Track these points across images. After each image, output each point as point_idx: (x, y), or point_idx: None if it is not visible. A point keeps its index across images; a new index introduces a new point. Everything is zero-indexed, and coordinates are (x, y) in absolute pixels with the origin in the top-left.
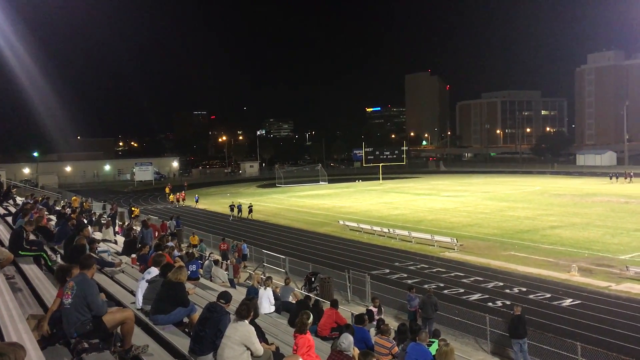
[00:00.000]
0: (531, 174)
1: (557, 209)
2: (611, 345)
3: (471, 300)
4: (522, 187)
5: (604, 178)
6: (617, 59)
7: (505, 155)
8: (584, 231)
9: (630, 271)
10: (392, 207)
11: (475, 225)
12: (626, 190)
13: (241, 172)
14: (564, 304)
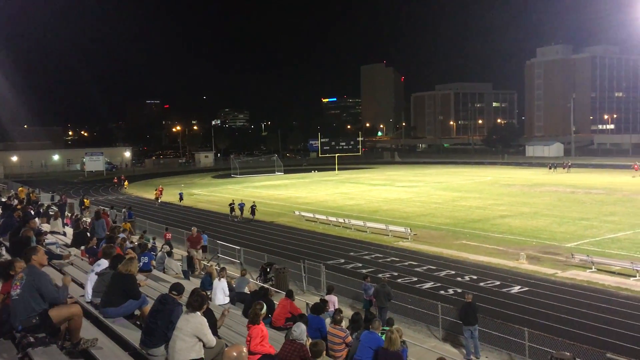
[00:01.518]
0: (483, 165)
1: (507, 198)
2: (557, 330)
3: (424, 289)
4: (474, 178)
5: (544, 168)
6: (565, 53)
7: (458, 146)
8: (532, 220)
9: (575, 259)
10: (347, 197)
11: (428, 215)
12: (572, 180)
13: (196, 162)
14: (512, 291)
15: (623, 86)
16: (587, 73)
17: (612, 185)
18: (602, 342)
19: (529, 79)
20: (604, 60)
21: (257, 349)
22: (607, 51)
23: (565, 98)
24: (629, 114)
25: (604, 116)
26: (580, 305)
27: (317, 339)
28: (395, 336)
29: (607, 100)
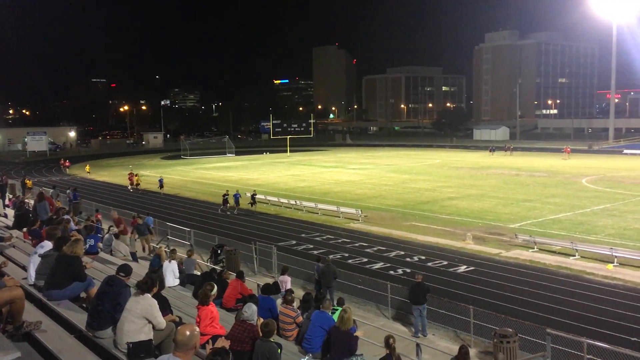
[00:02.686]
0: (432, 148)
1: (455, 181)
2: (501, 307)
3: (374, 269)
4: (424, 160)
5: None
6: (511, 39)
7: (408, 130)
8: (478, 202)
9: (518, 239)
10: (299, 179)
11: (379, 197)
12: (517, 164)
13: (144, 143)
14: (459, 270)
15: (566, 72)
16: (532, 59)
17: (554, 168)
18: (543, 318)
19: (477, 64)
20: (549, 46)
21: (207, 330)
22: (552, 38)
23: (512, 83)
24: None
25: (548, 101)
26: (522, 283)
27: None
28: (348, 316)
29: (551, 86)
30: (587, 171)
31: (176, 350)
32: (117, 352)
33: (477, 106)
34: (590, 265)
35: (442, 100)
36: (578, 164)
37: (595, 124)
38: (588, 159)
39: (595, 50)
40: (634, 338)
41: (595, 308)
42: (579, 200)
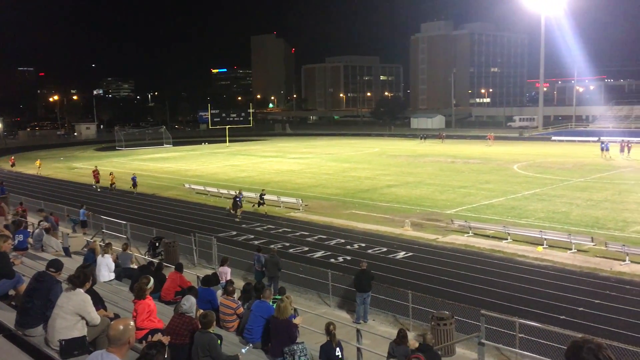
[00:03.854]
0: (371, 137)
1: (393, 169)
2: (438, 291)
3: (315, 258)
4: (363, 149)
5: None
6: (446, 29)
7: (347, 119)
8: (416, 189)
9: (454, 224)
10: (239, 169)
11: (319, 186)
12: (452, 151)
13: (76, 134)
14: (398, 256)
15: (498, 62)
16: (466, 49)
17: (487, 155)
18: (478, 300)
19: (414, 54)
20: (481, 36)
21: (144, 324)
22: (484, 28)
23: (447, 72)
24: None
25: (481, 90)
26: (458, 267)
27: (210, 310)
28: (285, 305)
29: (484, 75)
30: (518, 158)
31: (110, 346)
32: (49, 350)
33: (414, 95)
34: (522, 248)
35: (380, 90)
36: (510, 151)
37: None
38: (519, 146)
39: (525, 41)
40: (562, 316)
41: (526, 289)
42: (511, 185)
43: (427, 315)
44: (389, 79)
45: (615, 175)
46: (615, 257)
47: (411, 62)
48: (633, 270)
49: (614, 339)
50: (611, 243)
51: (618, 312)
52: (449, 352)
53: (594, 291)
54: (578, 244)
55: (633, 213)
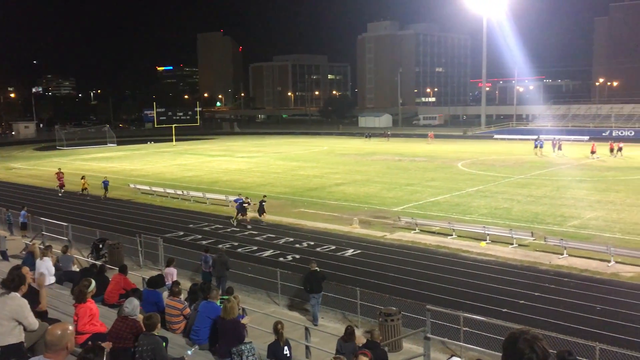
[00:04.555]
0: (319, 135)
1: (342, 167)
2: (386, 287)
3: (264, 257)
4: (311, 148)
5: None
6: (392, 29)
7: (296, 117)
8: (364, 187)
9: (401, 221)
10: (186, 169)
11: (268, 185)
12: (399, 149)
13: (14, 133)
14: (346, 254)
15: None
16: (411, 49)
17: (433, 153)
18: (425, 295)
19: (361, 53)
20: (426, 37)
21: (85, 328)
22: (429, 29)
23: (394, 72)
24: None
25: (427, 89)
26: (406, 263)
27: (155, 312)
28: (231, 305)
29: (429, 75)
30: (463, 155)
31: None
32: None
33: (361, 94)
34: (466, 244)
35: (328, 88)
36: (454, 149)
37: (469, 111)
38: (463, 144)
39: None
40: (504, 309)
41: (470, 283)
42: (456, 183)
43: (375, 311)
44: (337, 78)
45: (554, 172)
46: (553, 250)
47: (358, 62)
48: (570, 263)
49: (552, 330)
50: (550, 237)
51: (556, 304)
52: (396, 347)
53: (534, 284)
54: (519, 239)
55: (570, 208)
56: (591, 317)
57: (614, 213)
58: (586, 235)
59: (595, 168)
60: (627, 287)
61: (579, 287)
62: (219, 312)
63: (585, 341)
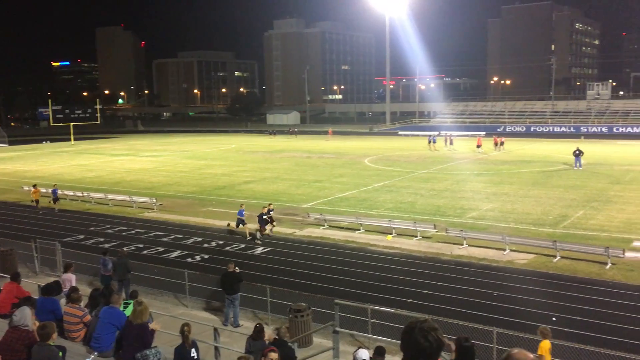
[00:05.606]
0: (227, 133)
1: (250, 165)
2: (296, 284)
3: (171, 258)
4: (220, 146)
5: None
6: (298, 27)
7: (203, 115)
8: (273, 184)
9: (310, 217)
10: (86, 169)
11: (174, 184)
12: (308, 146)
13: None
14: (256, 252)
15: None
16: (317, 47)
17: (341, 149)
18: (334, 289)
19: (268, 50)
20: (332, 35)
21: None
22: (335, 27)
23: (301, 69)
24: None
25: (334, 87)
26: (315, 259)
27: (50, 321)
28: (143, 308)
29: (336, 73)
30: (369, 152)
31: None
32: None
33: (269, 91)
34: (373, 238)
35: (235, 86)
36: (361, 145)
37: (374, 108)
38: (369, 141)
39: (373, 41)
40: (409, 300)
41: (378, 276)
42: (363, 178)
43: (286, 308)
44: (245, 75)
45: (454, 167)
46: (454, 241)
47: (266, 59)
48: (470, 252)
49: (453, 317)
50: (451, 229)
51: (457, 292)
52: (306, 342)
53: (437, 274)
54: (423, 231)
55: (469, 201)
56: (489, 303)
57: (508, 204)
58: (484, 225)
59: (491, 162)
60: (521, 274)
61: (478, 275)
62: (122, 317)
63: (483, 326)
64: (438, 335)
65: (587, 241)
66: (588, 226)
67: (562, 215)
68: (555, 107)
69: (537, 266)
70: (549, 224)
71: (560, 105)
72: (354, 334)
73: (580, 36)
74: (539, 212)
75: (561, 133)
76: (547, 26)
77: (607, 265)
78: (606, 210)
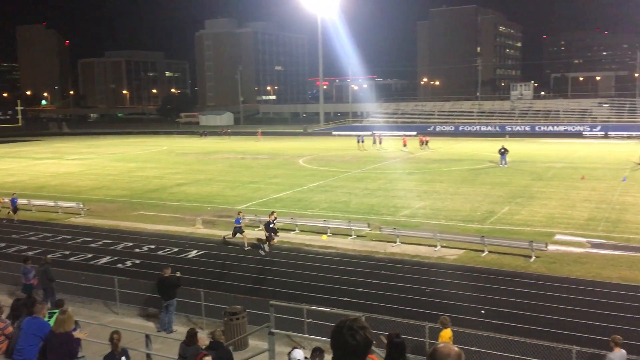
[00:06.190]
0: (159, 135)
1: (183, 167)
2: (231, 286)
3: (100, 264)
4: (151, 148)
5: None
6: (230, 27)
7: (132, 116)
8: (207, 186)
9: (245, 219)
10: (7, 174)
11: (103, 188)
12: (241, 147)
13: None
14: (190, 255)
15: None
16: (250, 47)
17: (275, 150)
18: (269, 291)
19: (200, 50)
20: (265, 35)
21: None
22: (267, 27)
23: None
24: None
25: (267, 87)
26: (250, 261)
27: None
28: (66, 317)
29: (269, 73)
30: (304, 152)
31: None
32: None
33: (202, 92)
34: (309, 238)
35: (166, 86)
36: (295, 146)
37: (309, 108)
38: (304, 141)
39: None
40: (345, 298)
41: (313, 276)
42: (297, 179)
43: (220, 311)
44: (175, 75)
45: (386, 166)
46: (388, 239)
47: (197, 59)
48: (403, 250)
49: (388, 314)
50: (384, 227)
51: (391, 289)
52: (241, 345)
53: (371, 272)
54: (357, 230)
55: (402, 199)
56: (422, 298)
57: (439, 202)
58: (416, 223)
59: (422, 161)
60: (451, 269)
61: (411, 272)
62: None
63: (416, 321)
64: (366, 334)
65: (513, 236)
66: (513, 221)
67: (490, 212)
68: (481, 107)
69: (466, 261)
70: (477, 220)
71: (486, 105)
72: (290, 335)
73: (503, 39)
74: (467, 209)
75: (487, 132)
76: (473, 29)
77: (531, 259)
78: (530, 206)
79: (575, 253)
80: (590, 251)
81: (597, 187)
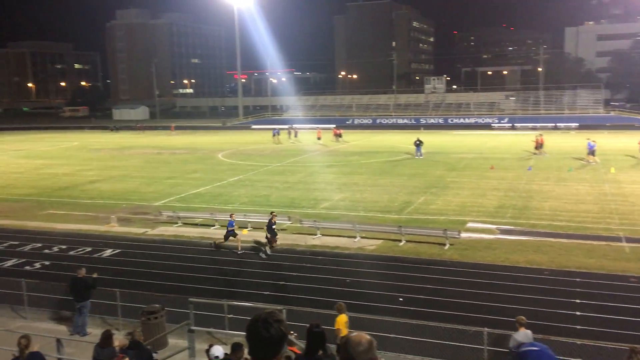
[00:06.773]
0: (69, 130)
1: (96, 163)
2: (149, 285)
3: (6, 267)
4: (60, 144)
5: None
6: (143, 18)
7: (39, 110)
8: (122, 183)
9: (163, 215)
10: None
11: (7, 187)
12: (158, 142)
13: None
14: (104, 255)
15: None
16: (165, 39)
17: (193, 145)
18: (190, 288)
19: (111, 42)
20: (180, 27)
21: None
22: (182, 19)
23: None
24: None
25: (184, 81)
26: (169, 258)
27: None
28: None
29: (185, 66)
30: (223, 146)
31: None
32: None
33: (114, 85)
34: None
35: (76, 79)
36: (214, 140)
37: (227, 102)
38: (223, 135)
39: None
40: (266, 292)
41: (233, 271)
42: (217, 173)
43: (137, 311)
44: (85, 68)
45: (306, 159)
46: (309, 232)
47: (109, 51)
48: (323, 242)
49: (309, 306)
50: (305, 220)
51: (312, 281)
52: (161, 344)
53: (293, 265)
54: (278, 224)
55: (322, 192)
56: (342, 289)
57: (358, 194)
58: (336, 215)
59: (341, 153)
60: (371, 259)
61: (332, 263)
62: None
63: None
64: (281, 327)
65: (428, 225)
66: (429, 211)
67: (406, 202)
68: (397, 101)
69: (384, 251)
70: (395, 210)
71: (401, 99)
72: (211, 332)
73: (417, 34)
74: (385, 200)
75: (403, 125)
76: (388, 24)
77: (445, 246)
78: (444, 196)
79: (486, 239)
80: (499, 237)
81: (505, 177)
